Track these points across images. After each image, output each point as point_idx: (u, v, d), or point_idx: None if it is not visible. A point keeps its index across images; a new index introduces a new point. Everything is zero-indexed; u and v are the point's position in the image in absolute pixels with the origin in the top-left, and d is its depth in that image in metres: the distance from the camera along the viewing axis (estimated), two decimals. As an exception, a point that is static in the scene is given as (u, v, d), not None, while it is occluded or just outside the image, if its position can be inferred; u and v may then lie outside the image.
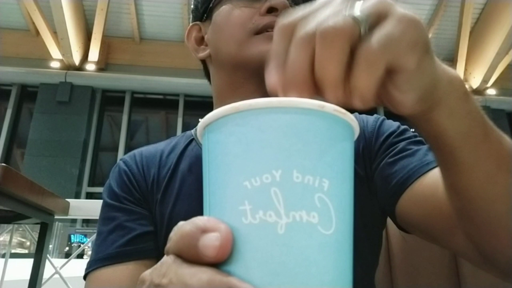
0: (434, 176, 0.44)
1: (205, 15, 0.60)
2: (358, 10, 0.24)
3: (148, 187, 0.57)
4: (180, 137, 0.65)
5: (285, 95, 0.25)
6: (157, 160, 0.60)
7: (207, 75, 0.65)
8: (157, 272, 0.23)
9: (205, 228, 0.21)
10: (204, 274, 0.20)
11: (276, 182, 0.21)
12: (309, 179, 0.21)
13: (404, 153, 0.51)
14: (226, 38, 0.56)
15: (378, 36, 0.24)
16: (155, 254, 0.53)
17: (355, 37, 0.24)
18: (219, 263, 0.21)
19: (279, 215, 0.21)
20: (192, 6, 0.65)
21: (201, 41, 0.62)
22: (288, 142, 0.22)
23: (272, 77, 0.26)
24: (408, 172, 0.48)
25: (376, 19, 0.24)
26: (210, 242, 0.21)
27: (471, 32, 6.07)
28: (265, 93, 0.54)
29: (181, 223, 0.23)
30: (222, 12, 0.57)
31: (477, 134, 0.33)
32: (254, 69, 0.52)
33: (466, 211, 0.37)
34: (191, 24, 0.64)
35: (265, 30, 0.52)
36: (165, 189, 0.56)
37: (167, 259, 0.23)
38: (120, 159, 0.61)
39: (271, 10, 0.53)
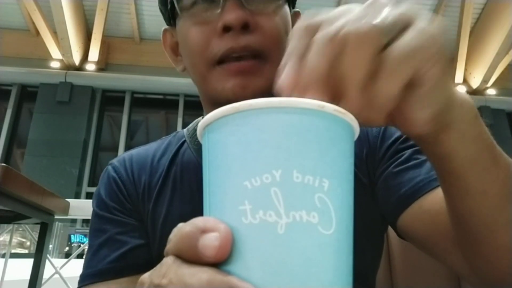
0: (441, 193, 0.43)
1: (172, 21, 0.55)
2: (384, 17, 0.24)
3: (139, 196, 0.55)
4: (172, 137, 0.62)
5: (300, 95, 0.24)
6: (148, 165, 0.57)
7: None
8: (157, 273, 0.23)
9: (204, 228, 0.21)
10: (204, 273, 0.20)
11: (276, 182, 0.21)
12: (309, 179, 0.21)
13: (410, 163, 0.49)
14: (191, 67, 0.52)
15: (404, 44, 0.23)
16: (148, 267, 0.52)
17: (380, 44, 0.23)
18: (219, 263, 0.21)
19: (279, 215, 0.21)
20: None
21: (176, 48, 0.57)
22: (288, 142, 0.22)
23: (287, 76, 0.25)
24: (414, 186, 0.46)
25: (401, 27, 0.24)
26: (210, 242, 0.21)
27: (471, 32, 6.07)
28: None
29: (180, 224, 0.23)
30: (182, 30, 0.52)
31: (485, 159, 0.32)
32: (223, 102, 0.48)
33: (469, 238, 0.36)
34: (163, 28, 0.58)
35: (224, 58, 0.47)
36: (157, 198, 0.55)
37: (166, 260, 0.23)
38: (109, 164, 0.59)
39: (227, 29, 0.47)
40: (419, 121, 0.26)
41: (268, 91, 0.42)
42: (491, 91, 6.41)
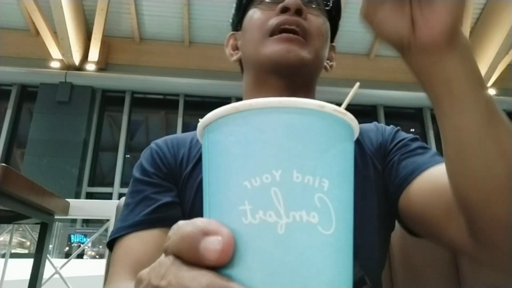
0: (439, 169, 0.48)
1: (239, 25, 0.69)
2: None
3: (177, 164, 0.61)
4: None
5: None
6: (187, 142, 0.64)
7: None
8: (156, 273, 0.23)
9: (206, 230, 0.21)
10: (204, 277, 0.20)
11: (276, 182, 0.21)
12: (309, 179, 0.21)
13: (414, 152, 0.55)
14: (248, 40, 0.64)
15: None
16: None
17: None
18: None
19: (279, 215, 0.21)
20: (230, 20, 0.75)
21: (236, 47, 0.71)
22: (288, 142, 0.22)
23: None
24: (416, 166, 0.52)
25: None
26: (212, 246, 0.20)
27: (471, 32, 6.07)
28: (285, 89, 0.60)
29: (180, 222, 0.23)
30: (247, 18, 0.65)
31: (478, 79, 0.37)
32: (268, 67, 0.60)
33: (466, 206, 0.40)
34: (229, 34, 0.73)
35: (278, 29, 0.58)
36: (194, 167, 0.60)
37: (165, 260, 0.22)
38: (152, 142, 0.66)
39: (285, 10, 0.59)
40: (444, 19, 0.33)
41: (304, 65, 0.58)
42: (491, 91, 6.41)
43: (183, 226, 0.22)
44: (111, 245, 0.56)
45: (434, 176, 0.49)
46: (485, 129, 0.37)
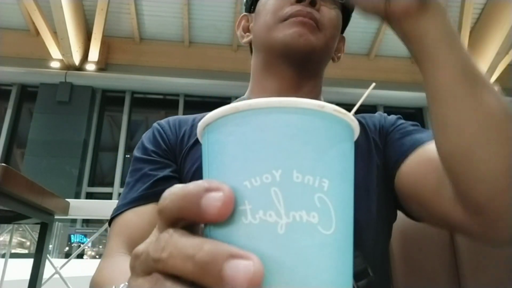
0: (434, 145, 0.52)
1: (252, 7, 0.70)
2: None
3: (178, 141, 0.62)
4: None
5: None
6: (190, 121, 0.65)
7: None
8: (155, 246, 0.22)
9: (209, 187, 0.21)
10: (205, 244, 0.20)
11: (276, 182, 0.21)
12: (309, 179, 0.21)
13: (412, 130, 0.59)
14: (260, 23, 0.65)
15: None
16: None
17: None
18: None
19: (279, 215, 0.21)
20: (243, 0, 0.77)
21: (247, 29, 0.72)
22: (288, 142, 0.22)
23: None
24: (413, 142, 0.55)
25: None
26: (213, 201, 0.20)
27: (471, 32, 6.07)
28: (292, 76, 0.63)
29: (177, 185, 0.23)
30: (262, 2, 0.67)
31: (452, 40, 0.41)
32: (279, 51, 0.61)
33: (453, 171, 0.42)
34: (242, 14, 0.74)
35: (290, 18, 0.60)
36: (194, 144, 0.61)
37: (164, 234, 0.22)
38: (155, 122, 0.67)
39: (300, 0, 0.60)
40: None
41: (312, 51, 0.60)
42: (491, 91, 6.40)
43: (184, 186, 0.22)
44: (111, 224, 0.58)
45: (428, 150, 0.51)
46: (460, 85, 0.40)
